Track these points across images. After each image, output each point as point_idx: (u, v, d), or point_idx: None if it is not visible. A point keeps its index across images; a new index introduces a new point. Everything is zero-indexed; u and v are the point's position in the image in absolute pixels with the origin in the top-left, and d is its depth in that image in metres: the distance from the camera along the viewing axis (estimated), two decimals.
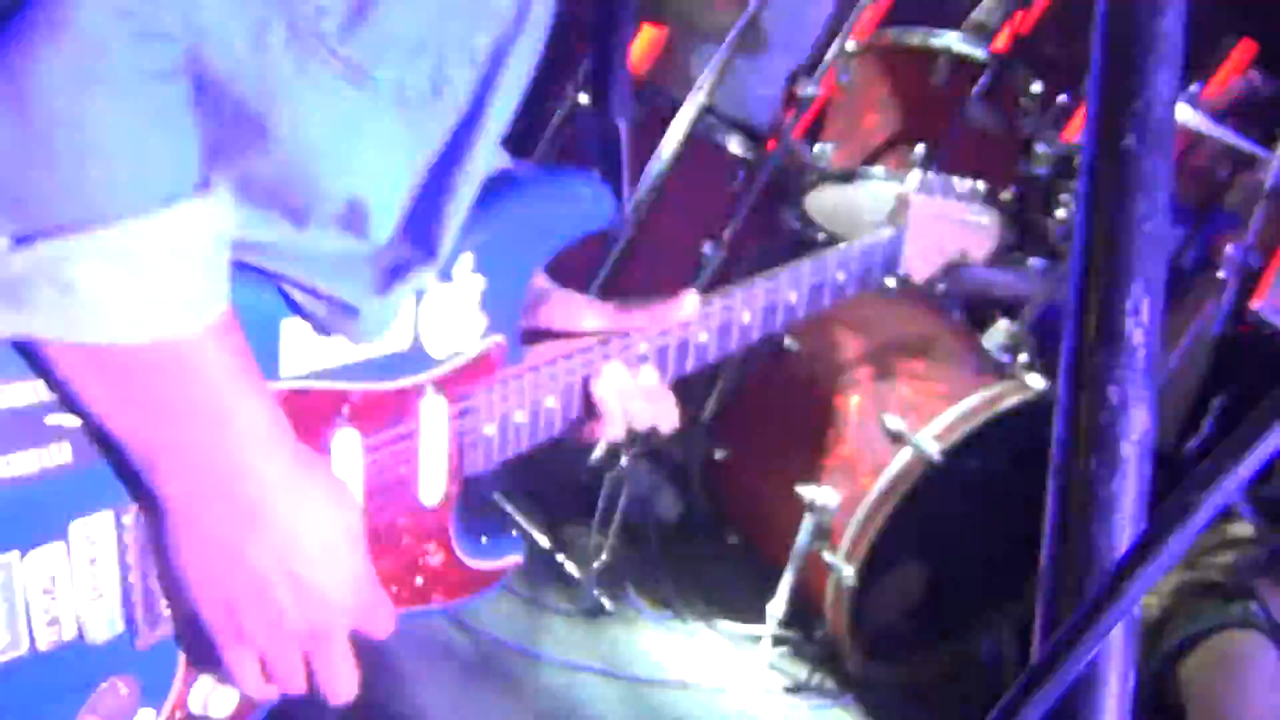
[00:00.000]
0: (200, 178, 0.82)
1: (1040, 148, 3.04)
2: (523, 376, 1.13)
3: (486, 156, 0.96)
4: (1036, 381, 2.80)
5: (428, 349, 1.06)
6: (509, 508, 2.92)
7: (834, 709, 2.82)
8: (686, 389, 3.16)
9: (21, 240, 0.77)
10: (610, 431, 1.20)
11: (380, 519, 1.08)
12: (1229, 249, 2.75)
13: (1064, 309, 0.67)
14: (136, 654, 0.96)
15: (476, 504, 1.21)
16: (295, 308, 0.96)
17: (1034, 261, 3.14)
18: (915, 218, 1.50)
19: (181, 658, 0.99)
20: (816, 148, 3.02)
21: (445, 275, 1.04)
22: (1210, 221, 3.06)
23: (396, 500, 1.09)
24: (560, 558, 2.86)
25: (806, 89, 2.95)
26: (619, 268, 2.97)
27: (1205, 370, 2.72)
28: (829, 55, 2.97)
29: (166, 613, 0.97)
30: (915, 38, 3.07)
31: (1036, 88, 3.03)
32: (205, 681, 1.01)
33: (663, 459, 3.20)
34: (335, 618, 0.95)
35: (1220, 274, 2.75)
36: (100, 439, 0.88)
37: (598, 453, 3.06)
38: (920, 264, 1.52)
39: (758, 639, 2.85)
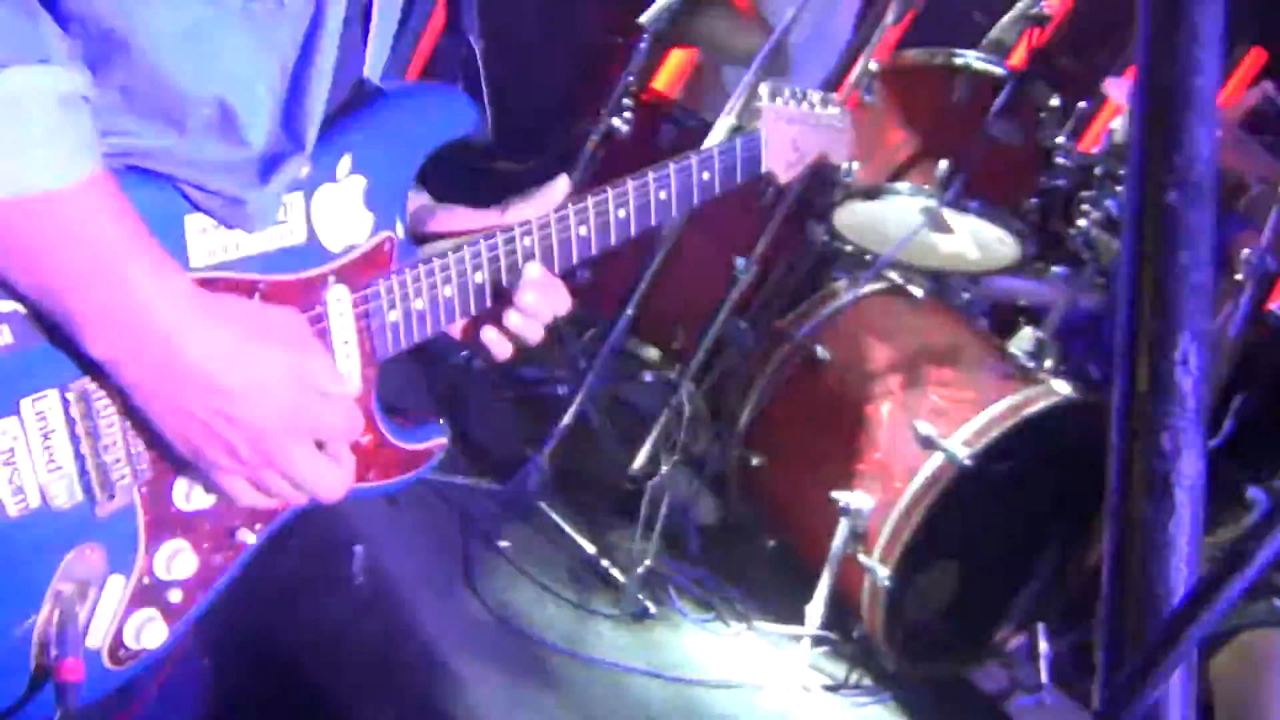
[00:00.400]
0: (41, 53, 0.85)
1: (1059, 159, 3.11)
2: (417, 267, 1.20)
3: (333, 55, 1.02)
4: (1061, 387, 2.86)
5: (324, 243, 1.13)
6: (555, 516, 3.00)
7: (872, 707, 2.88)
8: (723, 399, 3.25)
9: None
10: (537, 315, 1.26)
11: None
12: (1246, 252, 2.77)
13: (1100, 320, 0.74)
14: (99, 522, 1.02)
15: (397, 393, 1.31)
16: (193, 204, 1.01)
17: (1056, 269, 3.22)
18: (769, 121, 1.56)
19: (141, 525, 1.05)
20: (843, 165, 3.11)
21: (330, 176, 1.11)
22: (1227, 225, 3.11)
23: None
24: (605, 563, 2.92)
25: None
26: (655, 282, 3.06)
27: (1224, 373, 2.77)
28: (853, 76, 3.06)
29: (123, 483, 1.02)
30: (935, 57, 3.15)
31: (1054, 100, 3.10)
32: (167, 548, 1.07)
33: (702, 467, 3.30)
34: (280, 441, 1.01)
35: (1238, 277, 2.79)
36: (35, 319, 0.92)
37: (639, 462, 3.16)
38: (781, 165, 1.59)
39: (797, 639, 2.92)
